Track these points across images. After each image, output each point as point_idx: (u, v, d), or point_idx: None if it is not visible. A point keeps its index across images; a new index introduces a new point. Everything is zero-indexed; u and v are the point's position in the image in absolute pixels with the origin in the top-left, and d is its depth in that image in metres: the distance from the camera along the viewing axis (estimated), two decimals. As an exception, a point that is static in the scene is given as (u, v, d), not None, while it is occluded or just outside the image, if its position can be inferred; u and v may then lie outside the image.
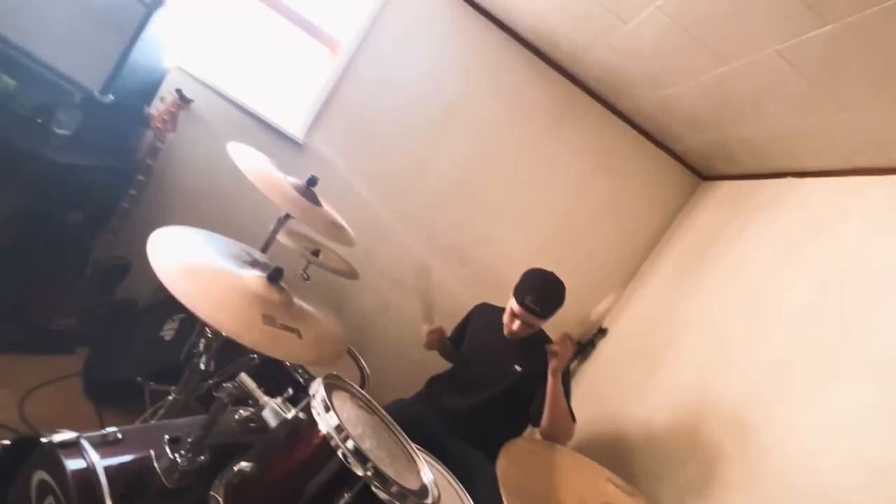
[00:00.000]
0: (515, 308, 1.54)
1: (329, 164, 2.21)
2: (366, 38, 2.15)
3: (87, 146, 1.74)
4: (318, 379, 0.92)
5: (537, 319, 1.54)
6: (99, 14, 1.61)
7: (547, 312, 1.55)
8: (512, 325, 1.56)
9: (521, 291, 1.55)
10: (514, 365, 1.59)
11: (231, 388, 0.93)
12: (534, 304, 1.52)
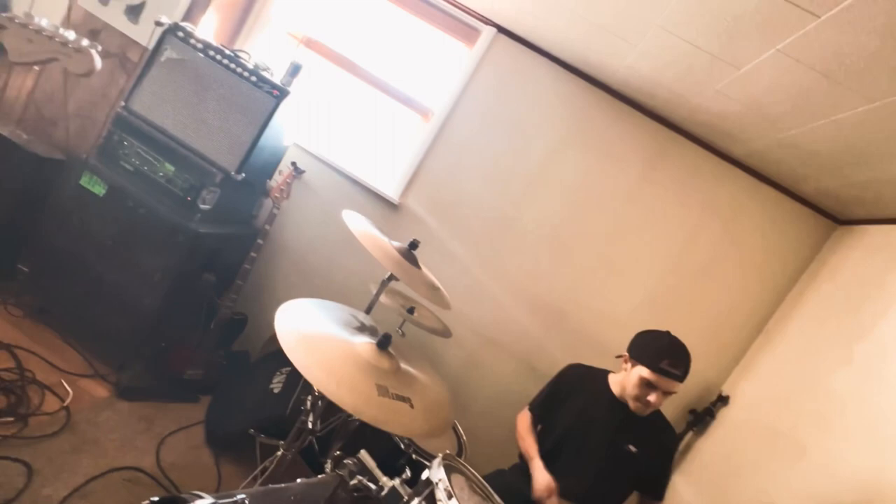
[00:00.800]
0: (649, 376, 1.38)
1: (423, 223, 2.30)
2: (456, 105, 2.28)
3: (220, 217, 2.01)
4: (438, 462, 0.89)
5: (676, 385, 1.38)
6: (238, 107, 1.90)
7: (685, 374, 1.39)
8: (649, 398, 1.38)
9: (652, 356, 1.39)
10: (627, 444, 1.42)
11: (351, 465, 0.93)
12: (672, 367, 1.36)
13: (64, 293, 1.96)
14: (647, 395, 1.38)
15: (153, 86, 1.92)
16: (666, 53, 1.62)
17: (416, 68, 2.41)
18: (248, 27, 2.36)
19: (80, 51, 0.91)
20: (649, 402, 1.38)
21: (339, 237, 2.31)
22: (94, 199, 1.89)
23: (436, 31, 2.37)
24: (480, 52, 2.24)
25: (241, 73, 1.91)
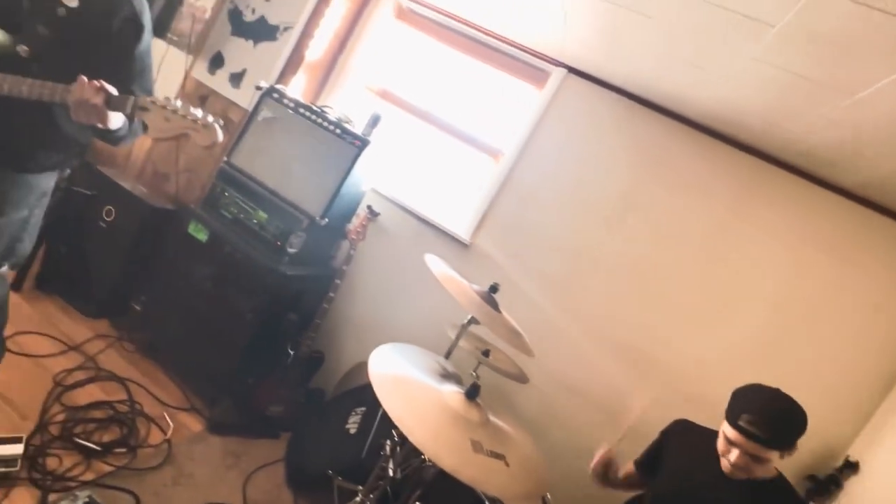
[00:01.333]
0: (730, 433, 1.22)
1: (494, 262, 2.28)
2: (526, 145, 2.29)
3: (305, 260, 2.13)
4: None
5: (761, 448, 1.15)
6: (324, 157, 2.04)
7: (774, 438, 1.15)
8: (728, 456, 1.23)
9: (734, 410, 1.20)
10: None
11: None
12: (751, 425, 1.14)
13: (168, 330, 2.15)
14: (728, 453, 1.19)
15: (251, 141, 2.13)
16: (758, 83, 1.53)
17: (485, 111, 2.48)
18: (330, 84, 2.57)
19: (207, 126, 1.04)
20: (730, 461, 1.18)
21: (413, 277, 2.35)
22: (198, 245, 2.09)
23: (505, 76, 2.44)
24: (550, 92, 2.25)
25: (326, 126, 2.07)
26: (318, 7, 2.34)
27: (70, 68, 1.11)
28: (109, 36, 1.13)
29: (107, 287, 2.26)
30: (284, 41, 2.35)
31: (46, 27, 1.05)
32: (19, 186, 1.19)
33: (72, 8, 1.06)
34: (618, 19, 1.64)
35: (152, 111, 1.04)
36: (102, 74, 1.15)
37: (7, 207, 1.18)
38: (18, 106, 1.06)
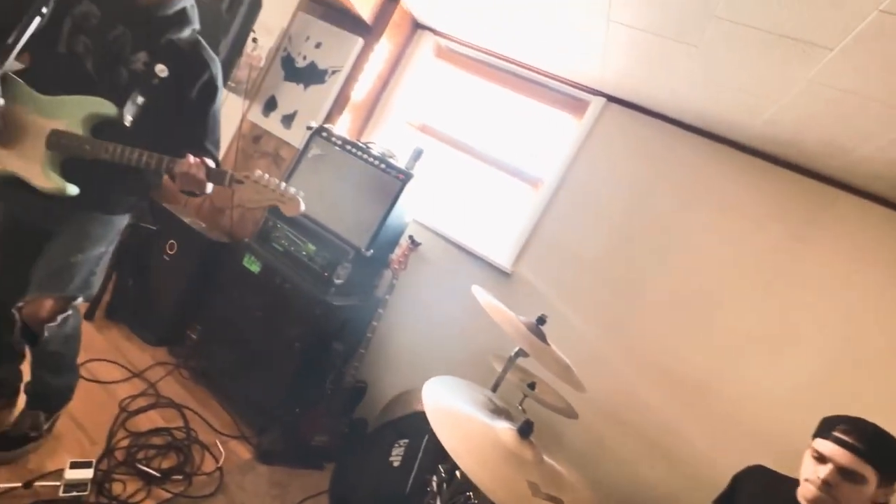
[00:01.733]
0: (822, 446, 1.06)
1: (536, 291, 2.26)
2: (567, 173, 2.29)
3: (350, 290, 2.18)
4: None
5: (857, 461, 1.01)
6: (369, 191, 2.12)
7: (872, 451, 1.01)
8: (819, 474, 1.04)
9: (828, 425, 1.09)
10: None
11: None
12: (848, 434, 1.02)
13: (222, 359, 2.24)
14: (816, 474, 1.04)
15: (301, 178, 2.25)
16: (819, 106, 1.47)
17: (524, 142, 2.51)
18: (374, 120, 2.70)
19: (292, 199, 1.15)
20: (821, 480, 1.03)
21: (454, 306, 2.36)
22: (251, 276, 2.19)
23: (543, 107, 2.47)
24: (590, 121, 2.26)
25: (371, 161, 2.15)
26: (364, 51, 2.49)
27: (159, 130, 1.23)
28: (191, 98, 1.25)
29: (166, 316, 2.39)
30: (332, 83, 2.50)
31: (143, 96, 1.18)
32: (101, 226, 1.31)
33: (163, 77, 1.19)
34: (661, 50, 1.65)
35: (245, 185, 1.14)
36: (182, 131, 1.27)
37: (88, 245, 1.29)
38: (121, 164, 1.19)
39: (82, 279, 1.29)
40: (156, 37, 1.19)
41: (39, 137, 1.15)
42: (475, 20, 2.24)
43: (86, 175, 1.19)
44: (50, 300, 1.22)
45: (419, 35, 2.64)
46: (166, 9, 1.19)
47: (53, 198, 1.18)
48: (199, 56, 1.25)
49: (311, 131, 2.27)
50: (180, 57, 1.22)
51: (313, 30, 2.58)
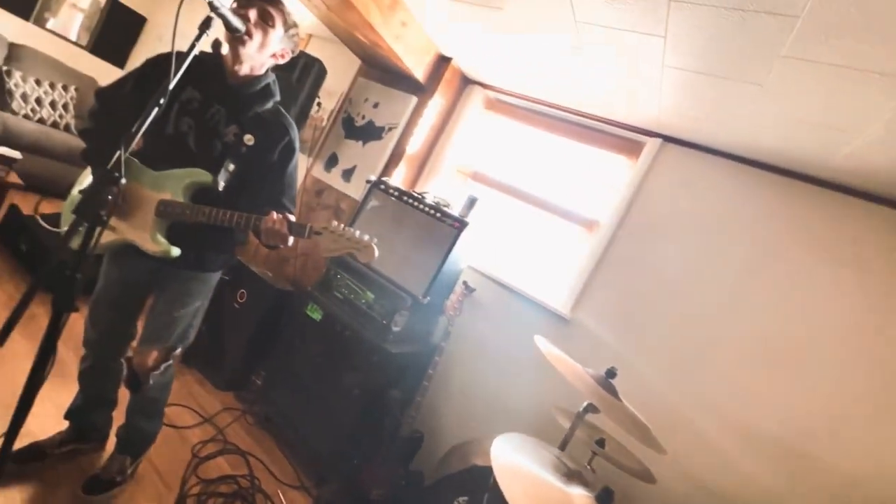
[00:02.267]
0: None
1: (597, 339, 2.16)
2: (625, 216, 2.23)
3: (407, 337, 2.20)
4: None
5: None
6: (425, 239, 2.18)
7: None
8: None
9: None
10: None
11: None
12: None
13: (284, 406, 2.30)
14: None
15: (361, 228, 2.35)
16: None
17: (576, 184, 2.50)
18: (427, 171, 2.82)
19: (367, 246, 1.22)
20: None
21: (512, 354, 2.30)
22: (313, 324, 2.27)
23: (595, 150, 2.47)
24: (646, 162, 2.22)
25: (427, 210, 2.23)
26: (417, 108, 2.64)
27: (247, 192, 1.36)
28: (273, 161, 1.38)
29: (235, 362, 2.52)
30: (389, 139, 2.66)
31: (234, 163, 1.32)
32: (199, 283, 1.45)
33: (250, 146, 1.32)
34: (721, 90, 1.62)
35: (323, 235, 1.22)
36: (265, 191, 1.39)
37: (188, 300, 1.44)
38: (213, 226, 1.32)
39: (182, 331, 1.44)
40: (245, 111, 1.34)
41: (149, 207, 1.30)
42: (524, 73, 2.33)
43: (185, 239, 1.33)
44: (155, 351, 1.36)
45: (469, 89, 2.77)
46: (254, 86, 1.34)
47: (159, 260, 1.32)
48: (280, 123, 1.39)
49: (369, 184, 2.41)
50: (264, 126, 1.36)
51: (371, 92, 2.79)
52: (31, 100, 3.80)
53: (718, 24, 1.31)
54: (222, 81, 1.32)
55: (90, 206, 0.95)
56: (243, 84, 1.32)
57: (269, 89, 1.39)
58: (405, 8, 2.22)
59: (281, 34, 1.32)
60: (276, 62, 1.37)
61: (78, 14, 4.40)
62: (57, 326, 1.01)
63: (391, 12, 2.16)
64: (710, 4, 1.25)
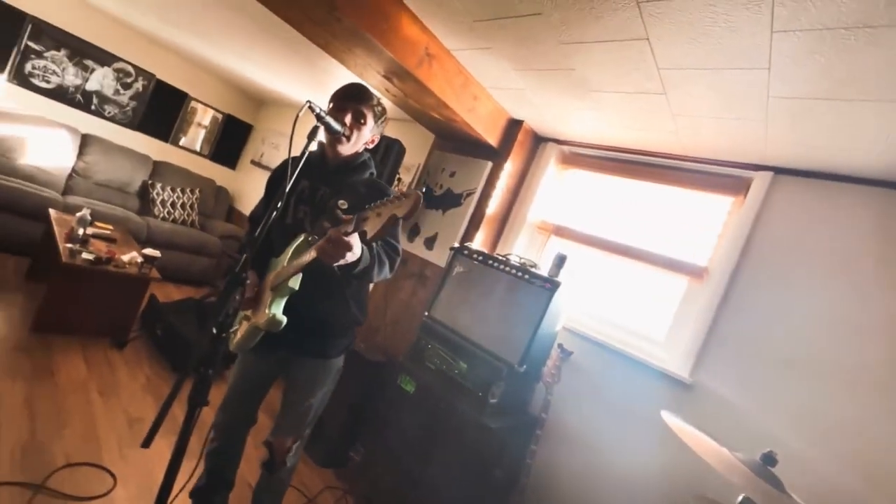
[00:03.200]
0: None
1: (731, 407, 1.83)
2: (740, 260, 1.97)
3: (505, 409, 2.06)
4: None
5: None
6: (516, 303, 2.10)
7: None
8: None
9: None
10: None
11: None
12: None
13: (382, 483, 2.22)
14: None
15: (448, 295, 2.36)
16: None
17: (672, 230, 2.30)
18: (506, 231, 2.79)
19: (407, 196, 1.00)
20: None
21: (628, 426, 2.04)
22: (406, 397, 2.24)
23: (689, 192, 2.28)
24: (758, 199, 1.98)
25: (514, 273, 2.16)
26: (493, 172, 2.69)
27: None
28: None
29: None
30: (468, 205, 2.71)
31: (330, 223, 1.39)
32: (325, 371, 1.52)
33: (344, 209, 1.40)
34: (837, 112, 1.42)
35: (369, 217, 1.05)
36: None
37: (317, 388, 1.51)
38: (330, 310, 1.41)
39: (312, 418, 1.53)
40: (344, 182, 1.43)
41: (268, 287, 1.40)
42: (601, 125, 2.28)
43: (308, 329, 1.41)
44: (291, 437, 1.47)
45: (542, 147, 2.78)
46: (351, 164, 1.44)
47: (289, 348, 1.42)
48: (376, 186, 1.47)
49: (452, 251, 2.43)
50: (361, 191, 1.43)
51: (447, 162, 2.92)
52: (168, 204, 4.55)
53: (836, 45, 1.17)
54: (325, 168, 1.44)
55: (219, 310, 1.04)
56: (342, 164, 1.44)
57: (365, 163, 1.49)
58: (476, 83, 2.33)
59: (372, 125, 1.43)
60: (368, 147, 1.49)
61: (201, 130, 5.32)
62: (192, 420, 1.08)
63: (464, 90, 2.29)
64: (824, 27, 1.12)
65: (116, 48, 4.46)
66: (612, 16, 1.40)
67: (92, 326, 2.72)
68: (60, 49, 4.16)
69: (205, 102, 5.21)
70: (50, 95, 4.21)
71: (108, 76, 4.49)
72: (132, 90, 4.67)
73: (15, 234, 3.37)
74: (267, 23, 2.71)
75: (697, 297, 2.09)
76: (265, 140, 5.35)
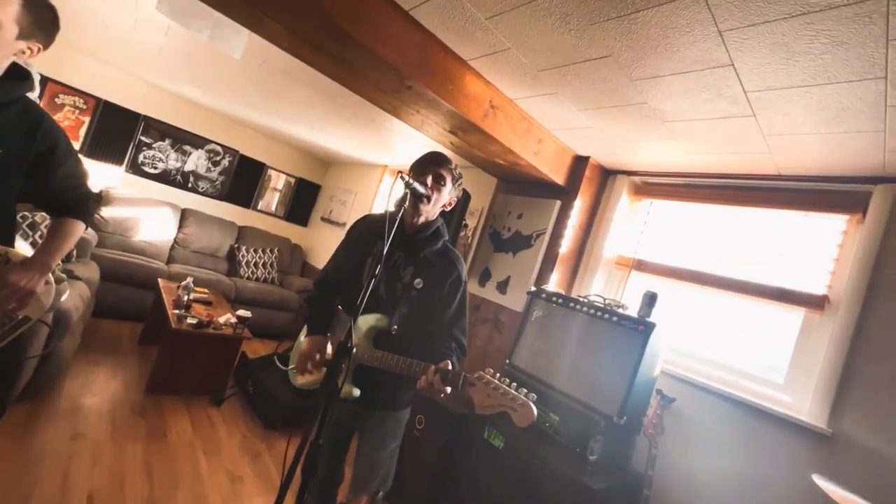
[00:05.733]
0: None
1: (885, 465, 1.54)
2: (870, 287, 1.72)
3: (605, 466, 1.89)
4: None
5: None
6: (607, 348, 1.97)
7: None
8: None
9: None
10: None
11: None
12: None
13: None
14: None
15: (528, 342, 2.27)
16: None
17: (776, 257, 2.07)
18: (581, 271, 2.69)
19: (524, 406, 1.08)
20: None
21: (751, 484, 1.77)
22: (495, 451, 2.13)
23: (793, 213, 2.07)
24: (882, 215, 1.75)
25: (601, 315, 2.04)
26: (563, 210, 2.63)
27: (419, 332, 1.42)
28: (443, 295, 1.44)
29: (418, 492, 2.45)
30: (539, 246, 2.66)
31: (406, 307, 1.41)
32: (394, 422, 1.51)
33: (419, 289, 1.42)
34: None
35: (477, 387, 1.14)
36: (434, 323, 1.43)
37: (387, 440, 1.49)
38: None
39: (384, 475, 1.49)
40: (418, 253, 1.46)
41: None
42: (678, 151, 2.17)
43: (376, 381, 1.41)
44: (364, 497, 1.44)
45: (612, 180, 2.69)
46: (426, 231, 1.47)
47: (360, 402, 1.42)
48: (448, 260, 1.48)
49: (530, 295, 2.36)
50: (434, 266, 1.45)
51: (513, 204, 2.91)
52: (252, 265, 4.94)
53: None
54: (402, 231, 1.48)
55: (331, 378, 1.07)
56: (418, 231, 1.47)
57: (439, 231, 1.51)
58: (540, 126, 2.35)
59: (450, 187, 1.47)
60: (447, 209, 1.52)
61: (277, 194, 5.83)
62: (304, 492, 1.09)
63: (527, 135, 2.30)
64: (957, 28, 1.00)
65: (207, 132, 5.10)
66: (691, 48, 1.36)
67: (194, 386, 2.94)
68: (165, 139, 4.84)
69: (279, 169, 5.74)
70: (157, 179, 4.86)
71: (202, 157, 5.11)
72: (220, 166, 5.27)
73: (129, 302, 3.81)
74: (335, 93, 2.96)
75: (820, 331, 1.84)
76: (333, 197, 5.73)
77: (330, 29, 1.58)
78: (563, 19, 1.43)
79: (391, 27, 1.67)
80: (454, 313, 1.49)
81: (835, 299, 1.83)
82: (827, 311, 1.85)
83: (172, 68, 3.71)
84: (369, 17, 1.61)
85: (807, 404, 1.77)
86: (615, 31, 1.39)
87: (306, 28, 1.63)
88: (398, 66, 1.73)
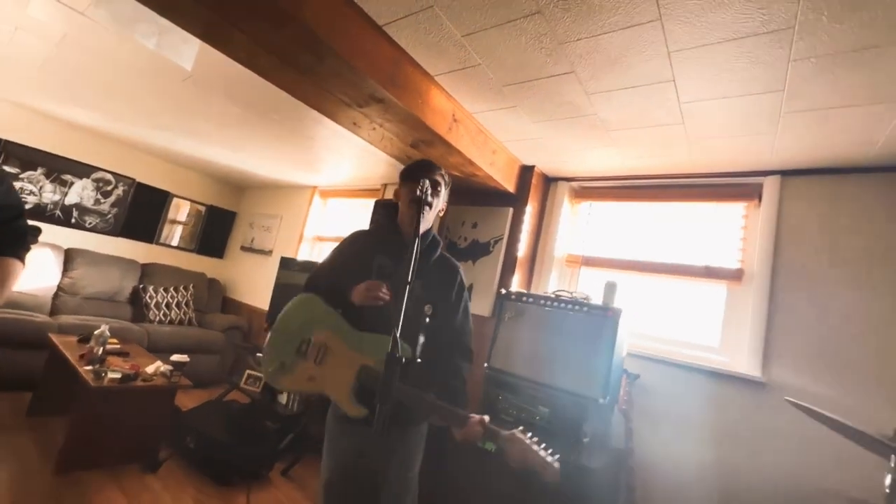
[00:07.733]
0: None
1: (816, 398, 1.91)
2: (775, 256, 2.14)
3: (597, 447, 2.03)
4: None
5: None
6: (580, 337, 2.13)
7: None
8: None
9: None
10: None
11: None
12: None
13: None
14: None
15: (503, 343, 2.36)
16: None
17: (695, 241, 2.47)
18: (537, 271, 2.88)
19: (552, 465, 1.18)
20: None
21: (720, 436, 2.05)
22: (488, 455, 2.15)
23: (704, 205, 2.49)
24: (773, 201, 2.20)
25: (571, 308, 2.22)
26: (516, 216, 2.81)
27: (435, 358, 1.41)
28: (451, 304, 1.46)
29: None
30: (497, 251, 2.79)
31: (422, 335, 1.40)
32: (419, 436, 1.46)
33: (430, 315, 1.42)
34: (850, 115, 1.64)
35: (514, 443, 1.21)
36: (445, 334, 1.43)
37: (415, 458, 1.44)
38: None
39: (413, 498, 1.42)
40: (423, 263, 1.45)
41: (349, 368, 1.35)
42: (613, 159, 2.48)
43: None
44: None
45: (554, 186, 2.95)
46: (425, 240, 1.48)
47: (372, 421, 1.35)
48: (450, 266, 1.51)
49: (499, 298, 2.46)
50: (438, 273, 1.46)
51: (466, 215, 3.02)
52: (163, 306, 4.32)
53: (846, 62, 1.39)
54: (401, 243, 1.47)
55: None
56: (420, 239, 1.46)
57: (436, 239, 1.53)
58: (493, 139, 2.50)
59: (444, 193, 1.50)
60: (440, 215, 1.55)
61: (182, 227, 5.20)
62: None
63: (484, 146, 2.44)
64: (838, 52, 1.34)
65: (94, 159, 4.39)
66: (643, 66, 1.60)
67: (120, 453, 2.47)
68: (36, 168, 4.04)
69: (185, 197, 5.15)
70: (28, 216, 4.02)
71: (88, 187, 4.37)
72: (113, 197, 4.56)
73: (6, 369, 3.06)
74: (269, 109, 2.80)
75: (742, 298, 2.22)
76: (253, 224, 5.29)
77: (308, 40, 1.53)
78: (537, 39, 1.58)
79: (366, 41, 1.68)
80: (461, 319, 1.51)
81: (748, 271, 2.24)
82: (744, 281, 2.25)
83: (53, 85, 3.16)
84: (347, 31, 1.60)
85: (742, 360, 2.12)
86: (583, 49, 1.58)
87: (280, 39, 1.55)
88: (373, 79, 1.73)
